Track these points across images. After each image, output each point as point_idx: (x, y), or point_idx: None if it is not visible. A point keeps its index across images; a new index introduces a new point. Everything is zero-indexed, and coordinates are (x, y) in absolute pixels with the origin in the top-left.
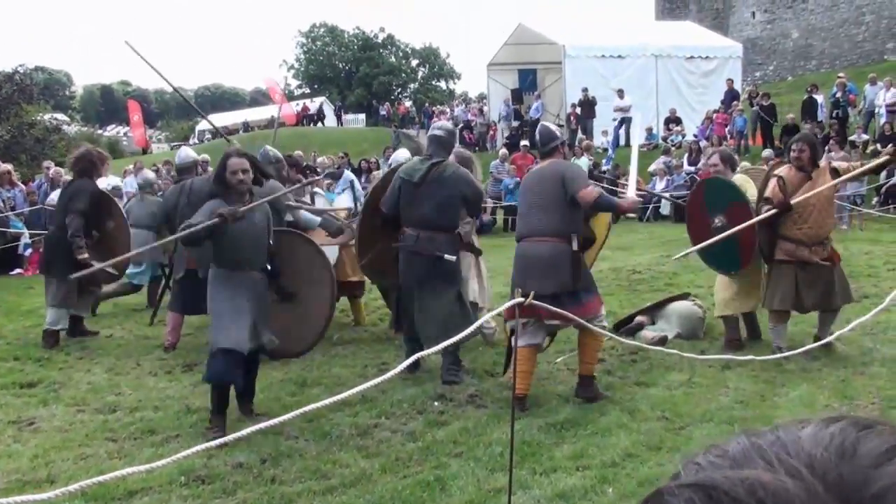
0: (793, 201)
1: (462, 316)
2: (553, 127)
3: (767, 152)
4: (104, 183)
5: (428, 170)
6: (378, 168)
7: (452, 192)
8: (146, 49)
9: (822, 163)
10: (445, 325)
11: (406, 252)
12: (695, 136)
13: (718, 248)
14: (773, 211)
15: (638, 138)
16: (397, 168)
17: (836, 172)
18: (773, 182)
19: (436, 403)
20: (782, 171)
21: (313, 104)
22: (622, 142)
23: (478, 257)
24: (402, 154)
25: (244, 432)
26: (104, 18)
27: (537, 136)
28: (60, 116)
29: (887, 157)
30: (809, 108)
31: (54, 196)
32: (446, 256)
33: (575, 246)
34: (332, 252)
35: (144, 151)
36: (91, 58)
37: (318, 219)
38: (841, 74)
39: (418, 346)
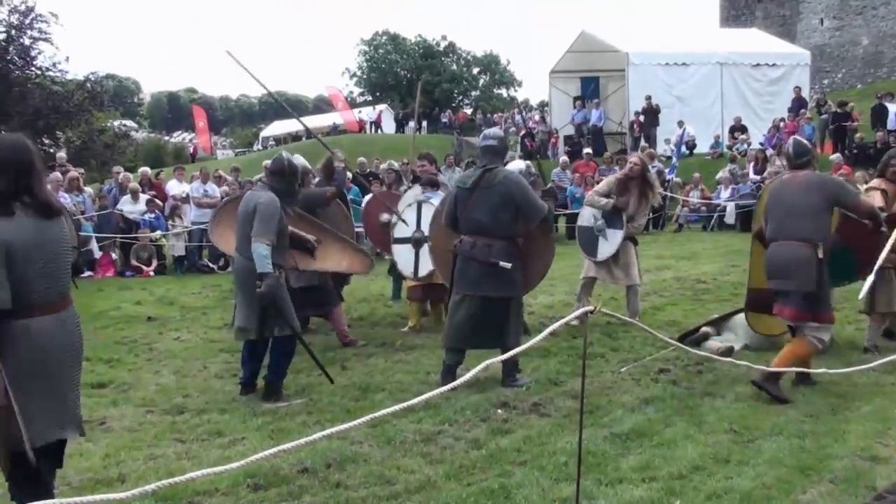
0: None
1: (515, 324)
2: (805, 141)
3: (836, 156)
4: (178, 189)
5: (480, 176)
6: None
7: (503, 198)
8: (213, 57)
9: None
10: (499, 333)
11: (462, 258)
12: (761, 144)
13: (833, 262)
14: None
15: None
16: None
17: None
18: (877, 195)
19: (499, 411)
20: (878, 184)
21: (372, 113)
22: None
23: (636, 246)
24: (516, 165)
25: (310, 438)
26: (172, 28)
27: (790, 149)
28: (129, 123)
29: None
30: (880, 116)
31: (125, 200)
32: (501, 264)
33: (821, 254)
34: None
35: (193, 159)
36: (159, 66)
37: None
38: None
39: (461, 357)
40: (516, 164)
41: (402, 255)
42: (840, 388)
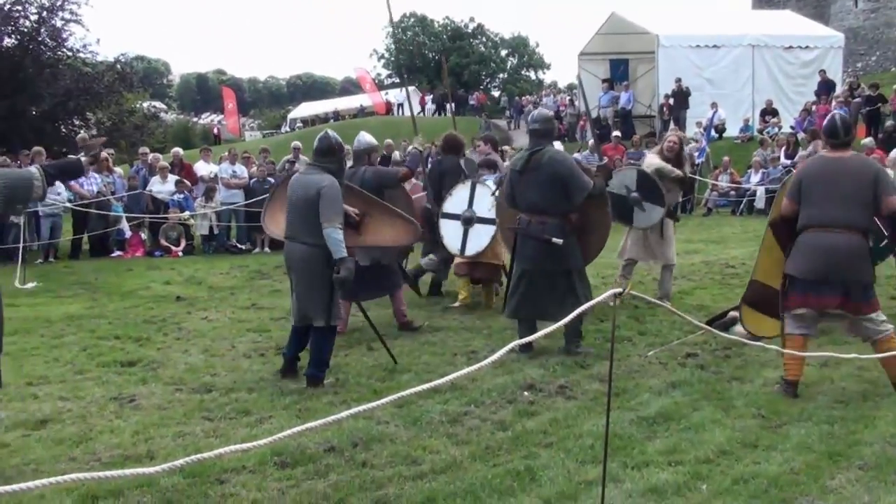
0: None
1: (574, 294)
2: (849, 117)
3: (868, 140)
4: (205, 169)
5: (528, 158)
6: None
7: (551, 177)
8: (242, 38)
9: None
10: (560, 304)
11: (520, 236)
12: (792, 127)
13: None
14: None
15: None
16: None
17: None
18: None
19: (525, 393)
20: None
21: (399, 95)
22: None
23: (674, 223)
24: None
25: (336, 416)
26: (201, 9)
27: (839, 125)
28: (158, 104)
29: None
30: None
31: (155, 181)
32: (554, 240)
33: (871, 242)
34: (485, 234)
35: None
36: (188, 47)
37: None
38: None
39: (532, 328)
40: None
41: (449, 231)
42: (870, 374)
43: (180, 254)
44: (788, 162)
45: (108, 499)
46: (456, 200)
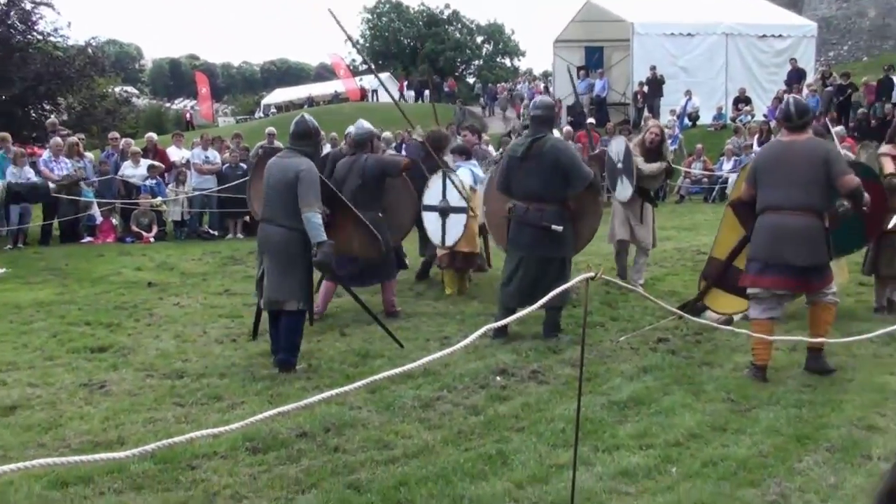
0: None
1: (564, 282)
2: (804, 101)
3: (840, 128)
4: (177, 155)
5: (529, 145)
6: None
7: (552, 165)
8: (215, 23)
9: None
10: (548, 290)
11: (516, 222)
12: (764, 116)
13: (843, 229)
14: None
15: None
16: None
17: None
18: (888, 161)
19: (498, 378)
20: (889, 150)
21: (374, 82)
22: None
23: (654, 207)
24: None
25: (308, 401)
26: None
27: (792, 109)
28: (130, 89)
29: None
30: (886, 88)
31: (126, 165)
32: (553, 227)
33: (826, 223)
34: (459, 224)
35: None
36: (160, 32)
37: None
38: None
39: (512, 313)
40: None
41: (431, 223)
42: (838, 359)
43: (152, 240)
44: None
45: (78, 485)
46: (433, 192)
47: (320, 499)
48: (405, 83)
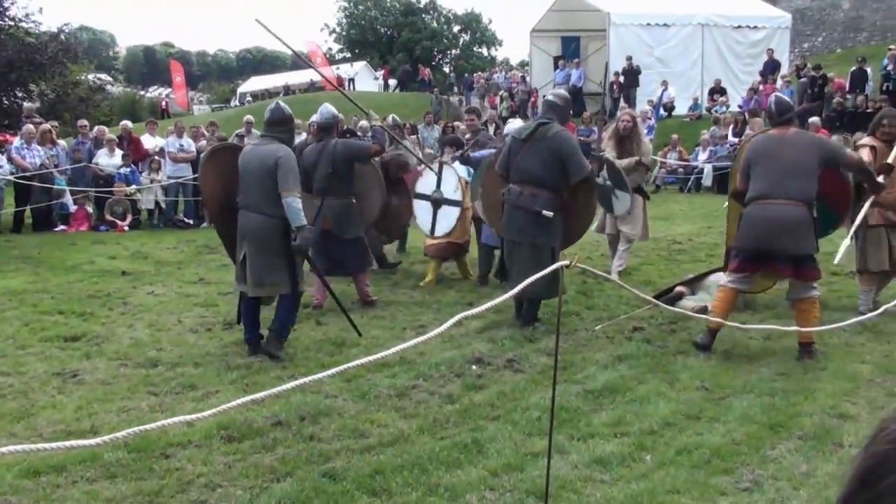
0: (889, 160)
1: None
2: (786, 98)
3: (814, 120)
4: (151, 143)
5: (535, 128)
6: (415, 133)
7: (552, 151)
8: (190, 11)
9: None
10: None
11: (509, 205)
12: (739, 107)
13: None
14: (882, 179)
15: None
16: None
17: None
18: (866, 151)
19: (473, 367)
20: (868, 141)
21: (350, 70)
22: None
23: (645, 200)
24: (515, 124)
25: (283, 388)
26: None
27: (773, 106)
28: (104, 77)
29: None
30: (859, 80)
31: (101, 154)
32: (544, 212)
33: (815, 214)
34: (452, 216)
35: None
36: (134, 19)
37: None
38: (892, 47)
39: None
40: (516, 124)
41: (421, 212)
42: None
43: (126, 228)
44: (736, 140)
45: (51, 474)
46: (426, 181)
47: (295, 487)
48: (380, 72)
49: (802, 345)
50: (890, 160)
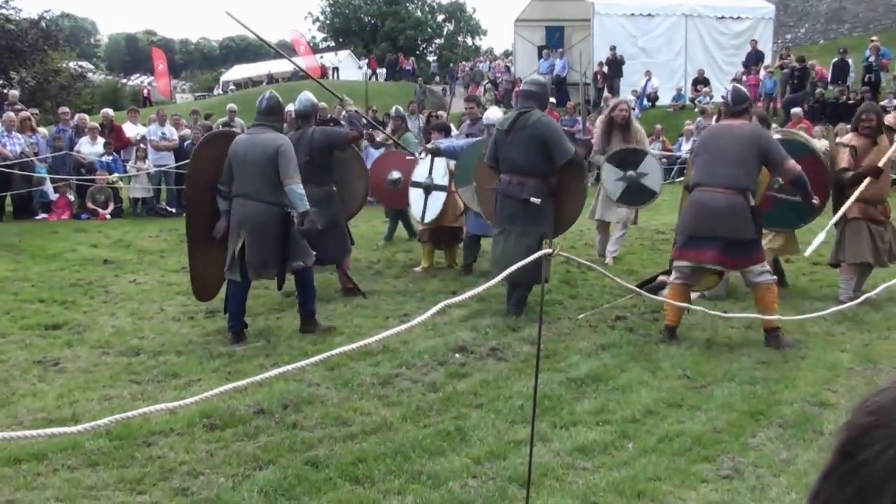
0: (880, 164)
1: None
2: (744, 90)
3: (797, 110)
4: (133, 131)
5: (515, 119)
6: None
7: (535, 139)
8: None
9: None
10: (525, 266)
11: (500, 195)
12: (722, 97)
13: (786, 206)
14: (868, 180)
15: None
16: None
17: (889, 130)
18: (845, 153)
19: (457, 356)
20: (848, 139)
21: (334, 59)
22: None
23: None
24: (494, 113)
25: (265, 375)
26: None
27: (729, 97)
28: (85, 64)
29: None
30: (841, 71)
31: (83, 142)
32: (532, 199)
33: (752, 201)
34: (438, 202)
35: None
36: (116, 6)
37: None
38: (874, 38)
39: (509, 289)
40: (495, 113)
41: (415, 199)
42: (792, 337)
43: (108, 217)
44: None
45: (32, 462)
46: (421, 169)
47: (278, 475)
48: (364, 60)
49: (767, 331)
50: (881, 164)
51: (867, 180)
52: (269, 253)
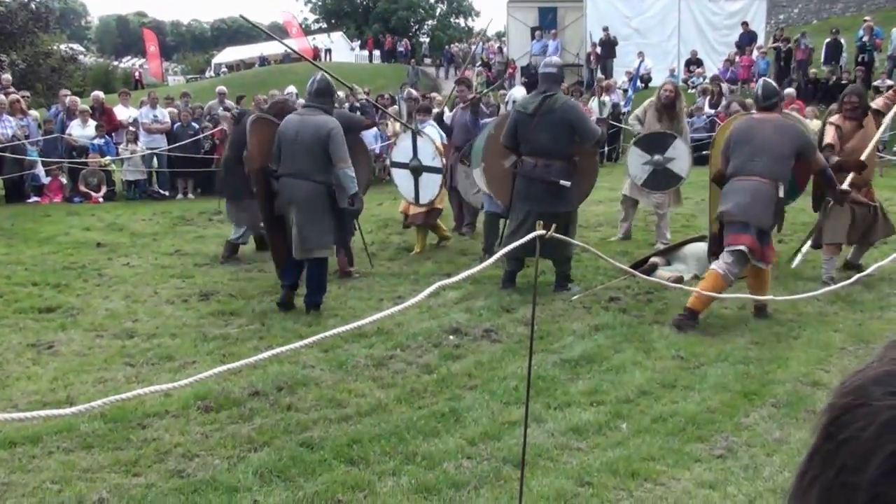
0: (862, 157)
1: (567, 235)
2: (773, 83)
3: (790, 91)
4: (124, 114)
5: (541, 102)
6: (394, 104)
7: (563, 122)
8: None
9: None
10: (551, 244)
11: (523, 178)
12: (715, 77)
13: None
14: (851, 175)
15: None
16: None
17: (877, 114)
18: (831, 130)
19: (451, 337)
20: (836, 119)
21: (326, 41)
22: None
23: None
24: (518, 91)
25: (260, 357)
26: None
27: (759, 91)
28: (76, 47)
29: None
30: (834, 52)
31: (74, 125)
32: (561, 182)
33: (781, 193)
34: (435, 183)
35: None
36: None
37: None
38: (867, 18)
39: (520, 265)
40: (520, 91)
41: (401, 181)
42: (785, 317)
43: (101, 200)
44: (712, 112)
45: (26, 444)
46: (401, 149)
47: (273, 457)
48: (356, 42)
49: (758, 308)
50: (863, 157)
51: (851, 175)
52: (320, 229)
